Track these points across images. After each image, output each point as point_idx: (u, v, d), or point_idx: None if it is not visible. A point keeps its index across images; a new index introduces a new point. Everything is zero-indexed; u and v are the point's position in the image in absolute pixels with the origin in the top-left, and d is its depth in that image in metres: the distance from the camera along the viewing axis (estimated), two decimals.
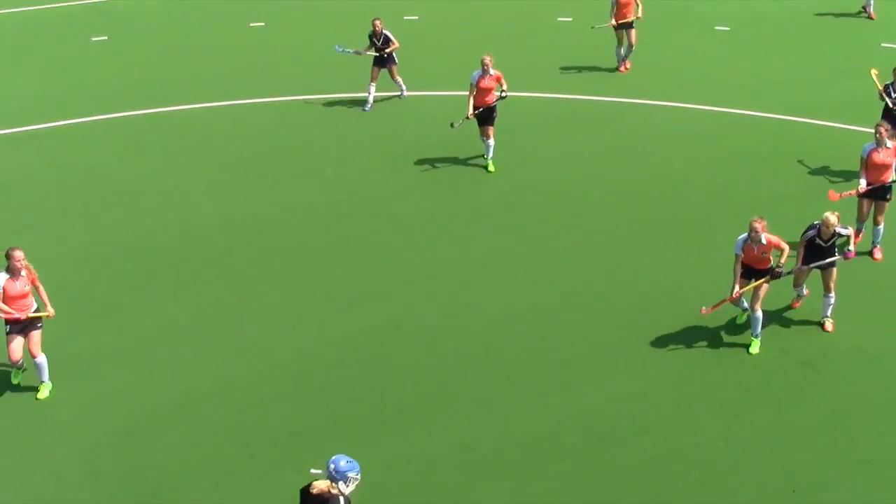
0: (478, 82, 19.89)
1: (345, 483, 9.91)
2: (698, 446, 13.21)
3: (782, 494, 12.46)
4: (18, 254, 13.86)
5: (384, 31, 22.76)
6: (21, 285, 13.88)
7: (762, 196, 18.98)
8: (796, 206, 18.07)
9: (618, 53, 25.01)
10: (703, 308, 14.92)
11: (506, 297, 16.39)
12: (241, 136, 22.18)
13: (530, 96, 23.65)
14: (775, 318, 15.54)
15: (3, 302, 13.78)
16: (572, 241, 17.92)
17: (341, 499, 9.88)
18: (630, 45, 24.72)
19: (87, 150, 21.64)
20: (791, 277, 15.21)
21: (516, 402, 14.07)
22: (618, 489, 12.57)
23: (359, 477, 9.98)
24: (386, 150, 21.40)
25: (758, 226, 14.41)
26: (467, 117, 20.03)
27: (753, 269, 14.84)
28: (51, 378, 14.44)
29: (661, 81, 24.37)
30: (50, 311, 14.15)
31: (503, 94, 20.10)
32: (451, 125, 20.25)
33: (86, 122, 22.91)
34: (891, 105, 18.83)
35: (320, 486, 9.92)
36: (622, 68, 25.02)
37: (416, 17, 29.35)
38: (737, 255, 14.66)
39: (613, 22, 24.42)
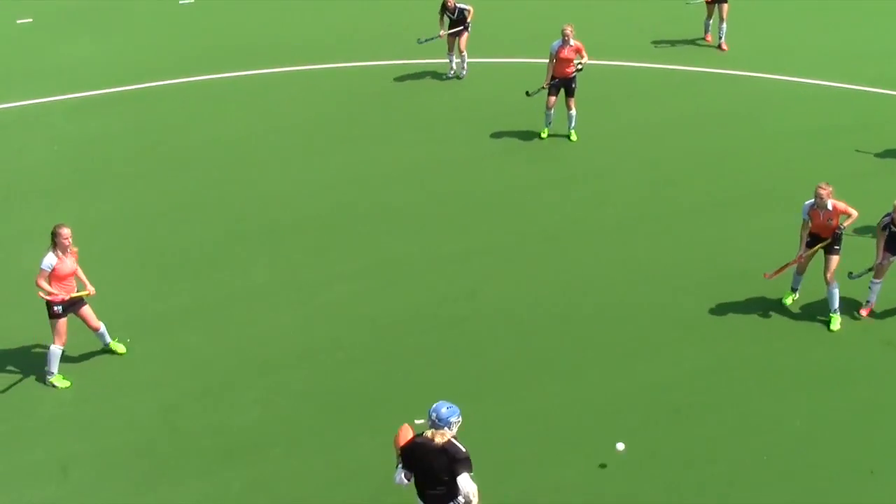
0: (557, 52, 19.59)
1: (449, 429, 10.00)
2: (774, 423, 13.08)
3: (860, 475, 12.30)
4: (67, 231, 13.47)
5: (458, 5, 22.38)
6: (71, 263, 13.58)
7: (846, 171, 18.59)
8: (880, 183, 17.71)
9: (706, 25, 24.51)
10: (766, 273, 14.87)
11: (582, 268, 16.33)
12: (321, 101, 22.26)
13: (615, 65, 23.43)
14: (857, 295, 15.24)
15: (53, 282, 13.49)
16: (651, 212, 17.78)
17: (460, 445, 9.97)
18: (721, 20, 24.06)
19: (172, 112, 21.90)
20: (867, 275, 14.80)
21: (590, 373, 14.04)
22: (691, 463, 12.49)
23: (460, 420, 10.07)
24: (466, 117, 21.34)
25: (822, 192, 14.23)
26: (543, 87, 19.81)
27: (821, 237, 14.64)
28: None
29: (747, 51, 23.97)
30: (90, 289, 13.86)
31: (581, 65, 19.77)
32: (527, 93, 20.08)
33: (171, 84, 23.16)
34: None
35: (443, 434, 9.96)
36: (708, 38, 24.53)
37: None
38: (804, 221, 14.56)
39: None
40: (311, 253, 16.89)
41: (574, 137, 20.17)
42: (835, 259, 14.62)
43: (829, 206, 14.32)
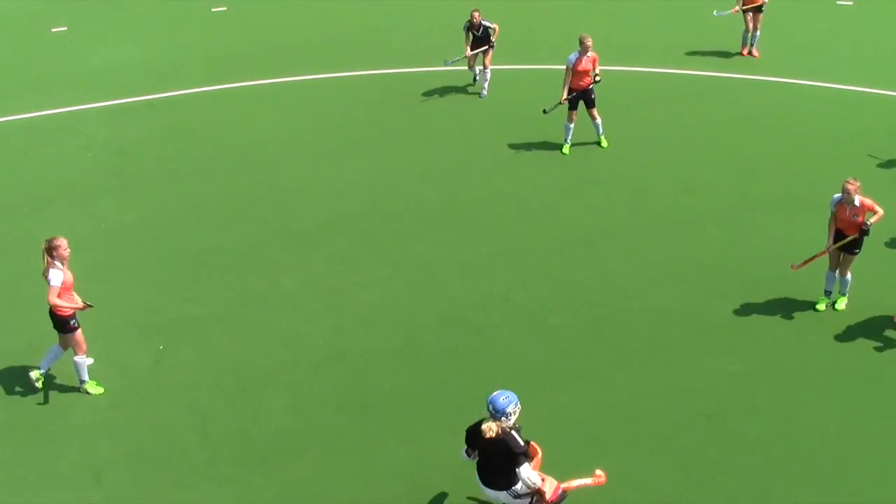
0: (575, 64, 19.22)
1: (507, 418, 10.28)
2: (808, 430, 12.99)
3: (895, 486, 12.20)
4: (65, 241, 13.24)
5: (483, 21, 22.00)
6: (69, 273, 13.33)
7: (878, 176, 18.55)
8: None
9: (744, 37, 24.10)
10: (794, 264, 14.98)
11: (615, 272, 16.29)
12: (350, 107, 22.32)
13: (645, 71, 23.39)
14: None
15: (63, 295, 13.24)
16: (684, 216, 17.72)
17: (513, 433, 10.28)
18: (755, 30, 23.85)
19: (204, 118, 22.02)
20: None
21: (622, 377, 14.01)
22: (723, 470, 12.42)
23: (519, 407, 10.38)
24: (496, 122, 21.35)
25: (850, 186, 14.30)
26: (560, 102, 19.48)
27: (844, 234, 14.69)
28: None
29: (779, 58, 23.86)
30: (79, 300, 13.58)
31: (599, 77, 19.53)
32: (544, 111, 19.89)
33: (203, 91, 23.31)
34: None
35: (490, 427, 10.27)
36: (745, 52, 24.15)
37: None
38: (832, 213, 14.67)
39: (737, 8, 23.66)
40: (341, 257, 16.95)
41: (605, 144, 20.10)
42: (853, 259, 14.82)
43: (857, 202, 14.38)
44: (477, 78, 22.94)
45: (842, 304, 15.17)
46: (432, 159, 19.98)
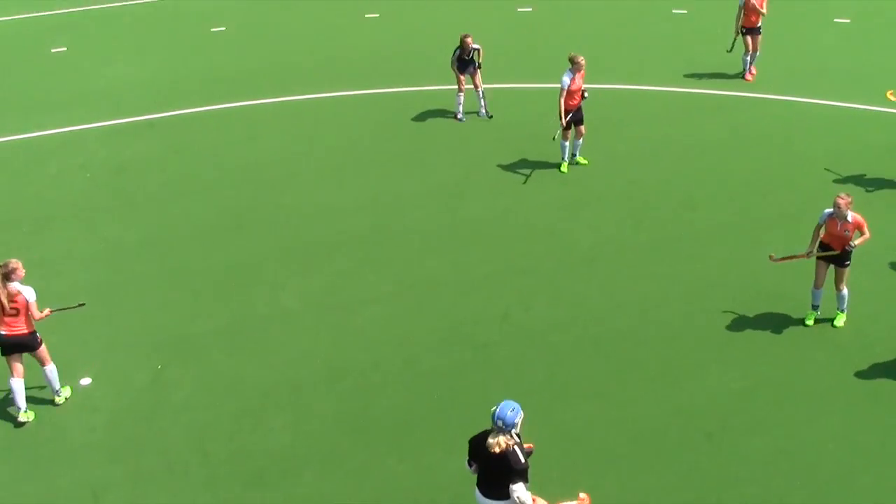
0: (569, 85, 19.15)
1: (515, 430, 10.30)
2: (808, 447, 12.93)
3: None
4: (20, 262, 13.44)
5: (474, 45, 21.88)
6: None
7: (876, 194, 18.58)
8: None
9: (744, 60, 24.03)
10: (772, 255, 15.13)
11: (616, 288, 16.27)
12: (350, 126, 22.36)
13: (644, 89, 23.45)
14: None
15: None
16: (684, 233, 17.71)
17: (517, 449, 10.27)
18: (755, 51, 23.84)
19: (204, 137, 22.08)
20: None
21: (623, 395, 13.96)
22: (724, 487, 12.37)
23: (522, 413, 10.39)
24: (494, 140, 21.36)
25: (841, 202, 14.32)
26: (563, 125, 19.39)
27: (831, 247, 14.72)
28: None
29: (778, 75, 23.91)
30: None
31: (585, 93, 19.49)
32: (553, 139, 19.85)
33: (203, 110, 23.37)
34: None
35: (498, 443, 10.24)
36: (748, 76, 24.04)
37: (531, 9, 29.31)
38: (819, 224, 14.70)
39: (740, 27, 23.59)
40: (343, 275, 16.94)
41: (584, 161, 20.17)
42: (845, 271, 14.80)
43: (849, 218, 14.39)
44: (461, 107, 22.62)
45: (840, 320, 15.14)
46: (432, 178, 20.01)
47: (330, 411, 13.89)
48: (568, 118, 19.37)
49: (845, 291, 14.99)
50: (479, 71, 22.17)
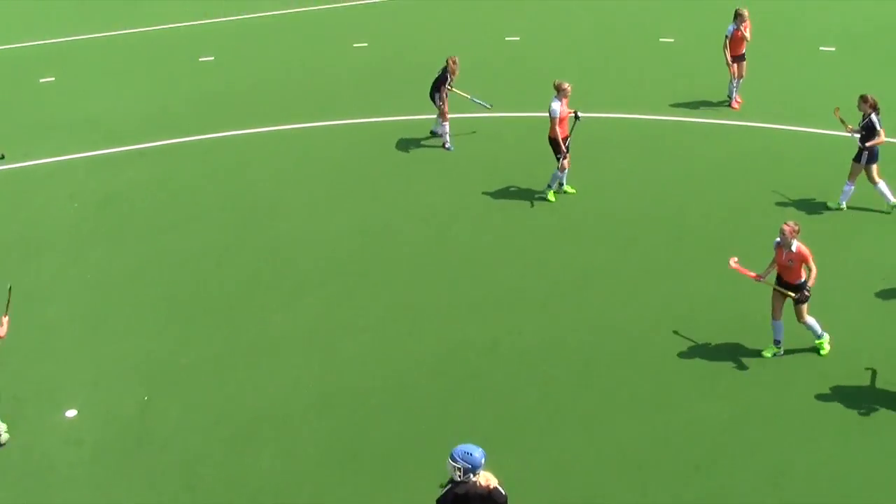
0: (560, 112, 19.32)
1: (482, 469, 10.19)
2: (797, 477, 12.92)
3: None
4: None
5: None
6: None
7: (866, 220, 18.65)
8: None
9: (730, 88, 24.14)
10: (733, 259, 15.09)
11: (604, 318, 16.27)
12: (336, 155, 22.39)
13: (631, 118, 23.54)
14: (885, 348, 15.16)
15: None
16: (673, 261, 17.73)
17: (502, 490, 10.19)
18: (740, 77, 23.97)
19: (193, 166, 22.09)
20: None
21: (612, 425, 13.94)
22: None
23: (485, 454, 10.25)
24: (482, 168, 21.39)
25: (786, 228, 14.28)
26: (565, 152, 19.54)
27: (783, 278, 14.66)
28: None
29: (764, 103, 24.01)
30: None
31: (577, 115, 19.65)
32: (562, 169, 19.89)
33: (192, 140, 23.37)
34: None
35: (487, 477, 10.18)
36: (734, 104, 24.11)
37: (518, 38, 29.45)
38: (775, 253, 14.65)
39: (728, 57, 23.61)
40: (331, 303, 16.91)
41: (571, 190, 20.24)
42: (800, 308, 14.71)
43: (794, 248, 14.33)
44: (437, 130, 22.79)
45: (824, 347, 15.06)
46: (420, 206, 20.02)
47: (319, 441, 13.85)
48: (566, 144, 19.46)
49: (810, 321, 14.87)
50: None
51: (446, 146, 22.46)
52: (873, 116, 18.65)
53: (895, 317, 15.87)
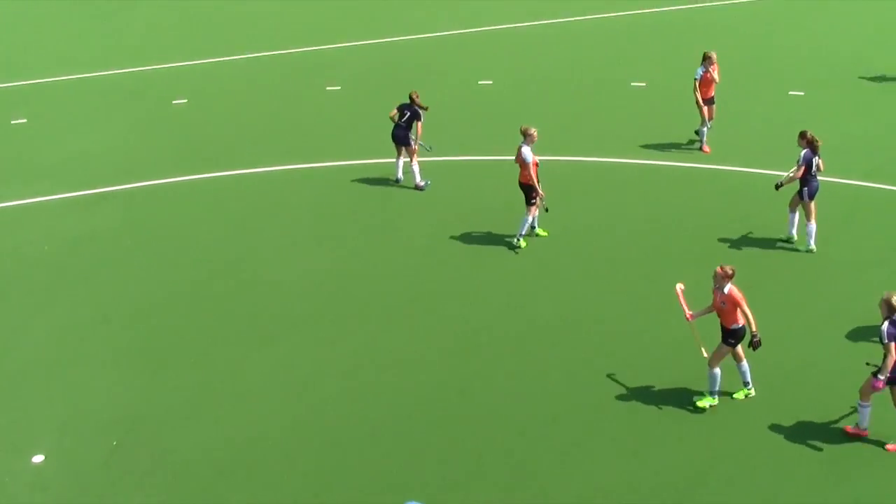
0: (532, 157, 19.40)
1: None
2: None
3: None
4: None
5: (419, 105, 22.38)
6: None
7: (831, 263, 18.82)
8: (875, 274, 17.82)
9: (701, 132, 24.27)
10: (680, 286, 15.08)
11: (574, 362, 16.23)
12: (313, 198, 22.39)
13: (603, 161, 23.66)
14: (843, 389, 15.16)
15: None
16: (643, 306, 17.72)
17: None
18: (710, 119, 24.12)
19: (164, 210, 22.02)
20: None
21: (583, 471, 13.88)
22: None
23: None
24: (454, 214, 21.39)
25: (718, 270, 14.42)
26: (542, 199, 19.64)
27: (720, 322, 14.67)
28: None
29: (735, 147, 24.16)
30: None
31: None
32: (547, 210, 19.91)
33: (163, 183, 23.31)
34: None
35: None
36: (706, 148, 24.23)
37: (491, 82, 29.61)
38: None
39: (700, 99, 23.79)
40: (301, 350, 16.83)
41: (543, 233, 20.28)
42: (735, 350, 14.72)
43: (726, 291, 14.39)
44: (401, 175, 22.88)
45: (740, 394, 15.05)
46: (390, 251, 20.00)
47: (288, 491, 13.71)
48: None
49: (744, 365, 14.89)
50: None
51: (419, 185, 22.52)
52: (803, 152, 19.04)
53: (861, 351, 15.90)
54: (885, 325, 13.61)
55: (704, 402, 14.94)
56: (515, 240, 19.89)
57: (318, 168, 23.96)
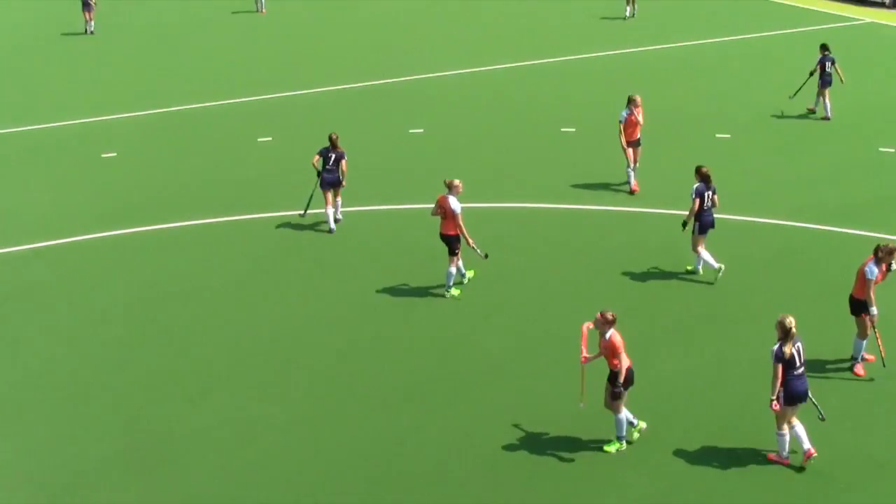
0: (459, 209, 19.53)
1: None
2: None
3: None
4: None
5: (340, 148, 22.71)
6: None
7: (757, 305, 19.06)
8: (808, 309, 18.08)
9: (628, 173, 24.63)
10: (588, 325, 14.94)
11: (507, 412, 16.14)
12: (243, 251, 22.27)
13: (534, 207, 23.82)
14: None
15: None
16: (575, 353, 17.69)
17: None
18: (636, 162, 24.55)
19: (94, 266, 21.71)
20: None
21: None
22: None
23: None
24: (379, 264, 21.36)
25: (598, 316, 14.53)
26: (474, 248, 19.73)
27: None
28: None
29: (663, 189, 24.46)
30: None
31: None
32: (486, 257, 19.92)
33: (93, 238, 23.01)
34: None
35: None
36: (635, 187, 24.62)
37: (422, 130, 29.75)
38: None
39: (623, 141, 24.21)
40: (236, 405, 16.59)
41: (470, 273, 20.33)
42: (615, 403, 14.75)
43: (607, 336, 14.51)
44: (333, 225, 22.97)
45: (611, 446, 15.05)
46: (324, 301, 19.92)
47: None
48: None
49: (619, 415, 14.90)
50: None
51: (331, 229, 22.80)
52: (695, 185, 19.67)
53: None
54: (776, 346, 14.08)
55: (612, 448, 14.98)
56: (446, 293, 19.90)
57: (249, 220, 23.81)
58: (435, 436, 15.68)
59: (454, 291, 19.92)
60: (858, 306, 16.58)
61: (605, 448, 14.98)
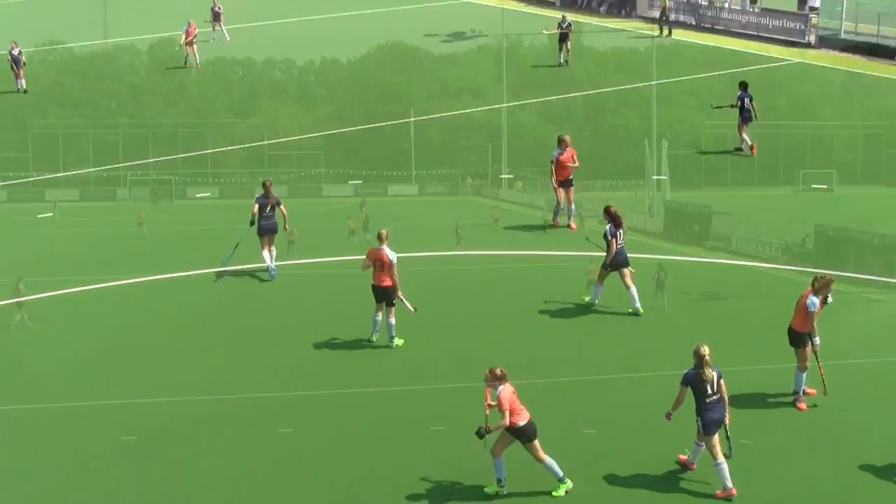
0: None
1: None
2: None
3: None
4: None
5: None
6: None
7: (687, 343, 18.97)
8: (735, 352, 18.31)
9: (557, 210, 24.99)
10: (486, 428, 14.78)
11: (452, 460, 16.08)
12: (183, 307, 22.21)
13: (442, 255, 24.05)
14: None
15: None
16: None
17: None
18: (571, 203, 24.84)
19: (23, 329, 21.45)
20: None
21: None
22: None
23: None
24: (317, 319, 21.37)
25: (487, 373, 14.71)
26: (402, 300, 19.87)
27: None
28: None
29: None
30: None
31: None
32: (415, 309, 19.91)
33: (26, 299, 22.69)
34: None
35: None
36: (558, 222, 25.08)
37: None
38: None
39: (554, 181, 24.47)
40: (183, 463, 16.37)
41: (400, 341, 20.08)
42: (531, 445, 14.86)
43: (498, 392, 14.61)
44: (275, 274, 23.09)
45: (560, 490, 15.03)
46: (263, 357, 19.80)
47: None
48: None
49: (546, 461, 14.93)
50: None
51: (271, 273, 22.95)
52: (607, 226, 20.28)
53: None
54: (691, 371, 14.70)
55: (560, 492, 15.01)
56: (391, 343, 19.92)
57: (187, 277, 23.62)
58: (383, 487, 15.58)
59: (399, 341, 19.94)
60: (798, 339, 16.98)
61: (554, 494, 14.98)
